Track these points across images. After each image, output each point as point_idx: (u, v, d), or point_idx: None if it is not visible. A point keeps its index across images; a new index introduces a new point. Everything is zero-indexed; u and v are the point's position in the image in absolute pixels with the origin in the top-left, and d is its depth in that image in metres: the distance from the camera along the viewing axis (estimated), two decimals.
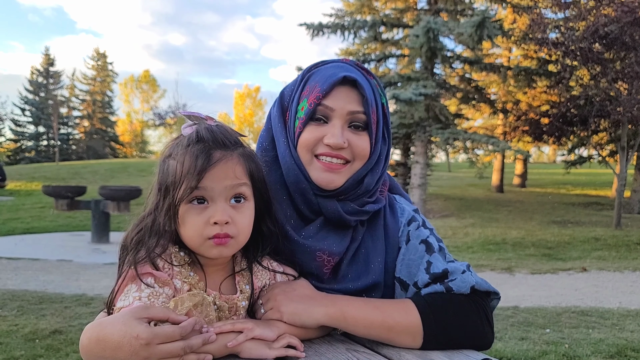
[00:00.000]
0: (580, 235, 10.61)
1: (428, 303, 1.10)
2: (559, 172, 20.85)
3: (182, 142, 1.01)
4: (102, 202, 9.23)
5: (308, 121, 1.14)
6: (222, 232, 0.98)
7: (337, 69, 1.17)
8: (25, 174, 24.17)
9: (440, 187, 21.10)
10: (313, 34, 15.39)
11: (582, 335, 4.32)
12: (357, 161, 1.16)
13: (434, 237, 1.22)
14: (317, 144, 1.14)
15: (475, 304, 1.12)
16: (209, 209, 0.98)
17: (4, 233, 10.47)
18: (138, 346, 0.84)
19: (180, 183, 0.97)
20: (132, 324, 0.85)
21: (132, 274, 0.96)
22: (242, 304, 1.05)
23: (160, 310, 0.89)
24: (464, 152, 15.54)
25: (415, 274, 1.16)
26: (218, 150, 1.00)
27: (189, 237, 1.00)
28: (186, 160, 0.97)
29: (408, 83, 13.97)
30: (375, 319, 1.07)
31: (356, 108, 1.14)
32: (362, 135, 1.16)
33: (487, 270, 7.48)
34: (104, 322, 0.88)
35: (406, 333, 1.07)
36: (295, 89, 1.20)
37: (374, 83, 1.21)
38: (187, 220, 0.98)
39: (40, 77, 52.41)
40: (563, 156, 19.67)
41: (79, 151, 52.48)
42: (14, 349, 3.63)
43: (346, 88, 1.14)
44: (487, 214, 14.36)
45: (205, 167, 0.96)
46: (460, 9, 15.35)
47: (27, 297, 5.18)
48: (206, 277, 1.04)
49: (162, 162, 1.03)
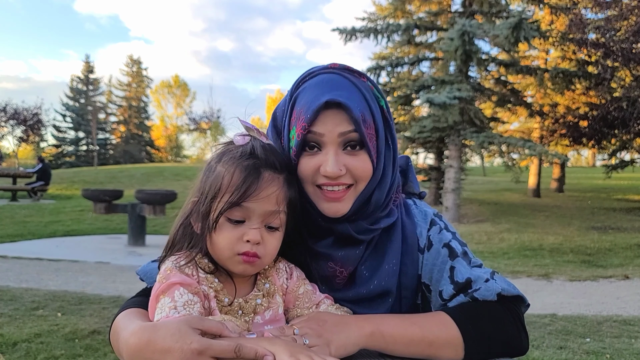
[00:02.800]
0: (622, 242, 10.26)
1: (463, 313, 1.07)
2: (599, 176, 20.28)
3: (235, 152, 1.02)
4: (139, 205, 9.42)
5: (301, 151, 1.09)
6: (252, 250, 0.99)
7: (321, 87, 1.09)
8: (66, 178, 24.92)
9: (475, 192, 20.76)
10: (346, 39, 15.39)
11: (624, 345, 4.17)
12: (360, 183, 1.11)
13: (456, 240, 1.18)
14: (315, 174, 1.09)
15: (508, 310, 1.10)
16: (244, 226, 0.99)
17: (46, 235, 10.80)
18: (189, 353, 0.83)
19: (223, 193, 0.98)
20: (187, 331, 0.85)
21: (162, 288, 0.96)
22: (257, 301, 1.04)
23: (216, 325, 0.89)
24: (500, 156, 15.25)
25: (439, 281, 1.14)
26: (268, 170, 1.00)
27: (220, 249, 1.00)
28: (236, 173, 0.98)
29: (442, 86, 13.82)
30: (415, 334, 1.04)
31: (346, 128, 1.06)
32: (359, 156, 1.09)
33: (524, 277, 7.31)
34: (158, 325, 0.88)
35: (448, 347, 1.04)
36: (285, 111, 1.15)
37: (367, 87, 1.12)
38: (222, 231, 0.99)
39: (81, 84, 54.08)
40: (603, 160, 19.12)
41: (116, 155, 53.90)
42: (54, 348, 3.74)
43: (332, 110, 1.06)
44: (523, 219, 14.04)
45: (253, 186, 0.97)
46: (496, 11, 15.09)
47: (67, 297, 5.33)
48: (236, 285, 1.04)
49: (209, 165, 1.04)
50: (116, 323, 1.04)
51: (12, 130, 31.89)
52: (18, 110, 30.95)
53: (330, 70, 1.13)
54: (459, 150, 14.21)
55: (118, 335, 0.98)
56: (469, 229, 12.05)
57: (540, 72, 15.29)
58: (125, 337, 0.91)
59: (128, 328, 0.93)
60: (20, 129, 31.86)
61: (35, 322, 4.37)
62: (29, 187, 18.40)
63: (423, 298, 1.19)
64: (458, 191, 13.99)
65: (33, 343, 3.81)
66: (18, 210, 14.67)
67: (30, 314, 4.62)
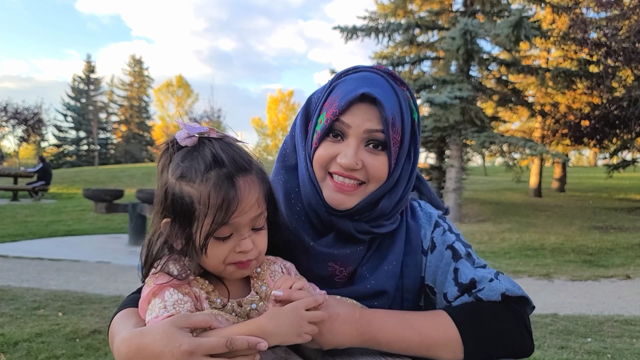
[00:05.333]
0: (624, 242, 10.24)
1: (463, 313, 1.07)
2: (600, 175, 20.24)
3: (195, 164, 0.95)
4: (139, 205, 9.43)
5: (324, 136, 1.09)
6: (246, 258, 0.98)
7: (361, 81, 1.09)
8: (67, 177, 24.95)
9: (476, 192, 20.74)
10: (347, 38, 15.37)
11: (625, 345, 4.16)
12: (372, 183, 1.10)
13: (460, 242, 1.17)
14: (331, 161, 1.09)
15: (511, 311, 1.08)
16: (232, 238, 0.96)
17: (47, 235, 10.81)
18: (180, 356, 0.82)
19: (204, 216, 0.93)
20: (174, 333, 0.84)
21: (153, 290, 0.95)
22: (252, 306, 1.02)
23: (203, 318, 0.87)
24: (501, 156, 15.24)
25: (443, 283, 1.13)
26: (240, 176, 0.95)
27: (212, 264, 0.98)
28: (212, 194, 0.92)
29: (443, 86, 13.80)
30: (412, 339, 1.04)
31: (374, 126, 1.07)
32: (379, 156, 1.08)
33: (525, 277, 7.30)
34: (145, 331, 0.87)
35: (446, 349, 1.04)
36: (320, 97, 1.15)
37: (405, 96, 1.12)
38: (211, 249, 0.96)
39: (82, 83, 54.12)
40: (604, 159, 19.08)
41: (117, 155, 53.94)
42: (55, 348, 3.73)
43: (365, 105, 1.07)
44: (525, 219, 14.02)
45: (234, 202, 0.92)
46: (497, 10, 15.07)
47: (68, 297, 5.33)
48: (228, 286, 1.02)
49: (170, 183, 0.97)
50: (113, 325, 1.03)
51: (13, 129, 31.89)
52: (19, 110, 30.96)
53: (374, 70, 1.14)
54: (460, 150, 14.20)
55: (113, 339, 0.97)
56: (471, 228, 12.04)
57: (542, 71, 15.27)
58: (117, 344, 0.91)
59: (120, 334, 0.93)
60: (21, 129, 31.86)
61: (36, 321, 4.36)
62: (30, 187, 18.42)
63: (426, 300, 1.18)
64: (459, 191, 13.98)
65: (34, 342, 3.81)
66: (19, 209, 14.68)
67: (31, 314, 4.62)
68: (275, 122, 62.07)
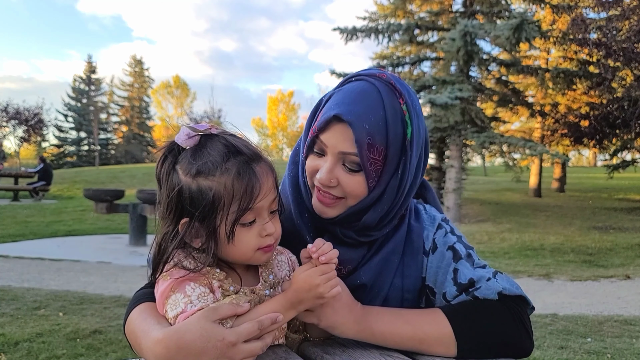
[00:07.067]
0: (624, 242, 10.25)
1: (457, 311, 1.08)
2: (600, 176, 20.25)
3: (213, 158, 0.96)
4: (140, 205, 9.44)
5: (309, 151, 1.12)
6: (272, 241, 1.02)
7: (344, 97, 1.07)
8: (67, 178, 24.95)
9: (476, 192, 20.74)
10: (347, 39, 15.38)
11: (625, 345, 4.17)
12: (350, 199, 1.10)
13: (461, 243, 1.18)
14: (313, 174, 1.11)
15: (508, 310, 1.08)
16: (256, 224, 1.00)
17: (47, 235, 10.82)
18: (224, 348, 0.86)
19: (229, 205, 0.95)
20: (212, 327, 0.87)
21: (171, 284, 0.96)
22: (266, 292, 1.05)
23: (228, 308, 0.92)
24: (501, 156, 15.25)
25: (443, 283, 1.14)
26: (255, 162, 0.99)
27: (240, 253, 1.00)
28: (235, 182, 0.94)
29: (443, 86, 13.81)
30: (406, 333, 1.06)
31: (348, 149, 1.04)
32: (354, 176, 1.07)
33: (525, 277, 7.30)
34: (181, 329, 0.88)
35: (439, 344, 1.05)
36: (321, 105, 1.15)
37: (398, 109, 1.06)
38: (238, 236, 0.98)
39: (83, 84, 54.13)
40: (604, 160, 19.09)
41: (117, 156, 53.94)
42: (56, 348, 3.74)
43: (342, 125, 1.04)
44: (525, 219, 14.03)
45: (256, 186, 0.96)
46: (497, 11, 15.09)
47: (68, 297, 5.34)
48: (240, 275, 1.05)
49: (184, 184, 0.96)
50: (132, 322, 1.02)
51: (13, 130, 31.93)
52: (19, 110, 31.00)
53: (370, 80, 1.09)
54: (460, 150, 14.21)
55: (138, 340, 0.96)
56: (470, 228, 12.05)
57: (542, 72, 15.28)
58: (149, 346, 0.90)
59: (150, 335, 0.92)
60: (21, 129, 31.90)
61: (37, 321, 4.37)
62: (31, 187, 18.44)
63: (427, 301, 1.19)
64: (459, 191, 13.99)
65: (35, 343, 3.82)
66: (20, 210, 14.69)
67: (32, 314, 4.63)
68: (275, 123, 62.09)
